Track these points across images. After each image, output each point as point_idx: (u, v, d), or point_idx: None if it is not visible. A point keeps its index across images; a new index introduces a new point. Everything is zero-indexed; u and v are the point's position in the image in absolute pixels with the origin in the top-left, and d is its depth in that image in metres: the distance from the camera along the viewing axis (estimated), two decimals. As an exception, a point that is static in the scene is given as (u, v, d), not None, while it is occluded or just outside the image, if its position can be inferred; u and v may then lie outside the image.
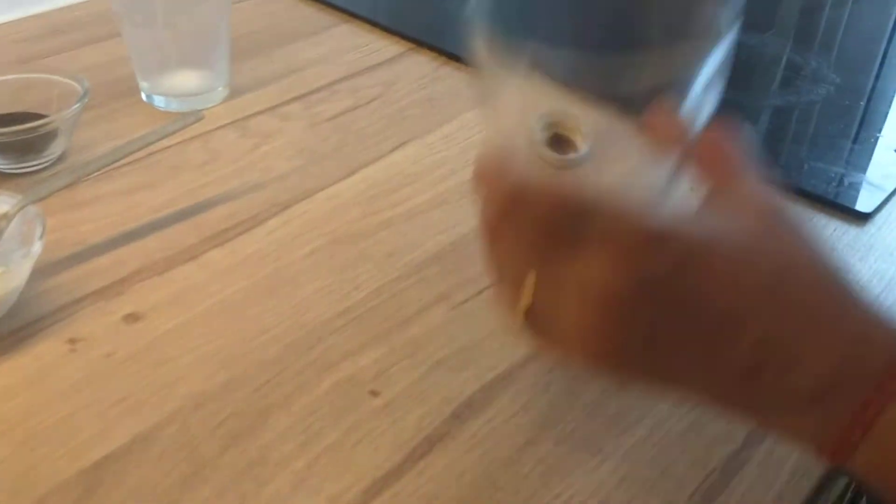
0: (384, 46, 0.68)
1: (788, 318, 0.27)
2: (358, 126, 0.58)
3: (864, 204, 0.50)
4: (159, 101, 0.57)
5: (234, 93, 0.60)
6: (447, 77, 0.64)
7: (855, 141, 0.57)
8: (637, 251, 0.26)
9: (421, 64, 0.66)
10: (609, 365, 0.28)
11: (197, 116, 0.49)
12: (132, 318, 0.41)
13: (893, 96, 0.62)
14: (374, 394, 0.38)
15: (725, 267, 0.27)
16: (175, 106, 0.57)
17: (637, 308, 0.27)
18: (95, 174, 0.49)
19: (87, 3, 0.70)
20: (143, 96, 0.57)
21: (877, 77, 0.66)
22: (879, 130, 0.58)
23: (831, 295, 0.28)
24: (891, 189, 0.52)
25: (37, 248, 0.40)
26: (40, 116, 0.49)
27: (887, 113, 0.60)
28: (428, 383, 0.38)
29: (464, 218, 0.48)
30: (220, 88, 0.58)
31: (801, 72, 0.65)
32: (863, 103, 0.61)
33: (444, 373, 0.39)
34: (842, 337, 0.27)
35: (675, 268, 0.26)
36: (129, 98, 0.58)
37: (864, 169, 0.54)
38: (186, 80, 0.57)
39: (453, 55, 0.66)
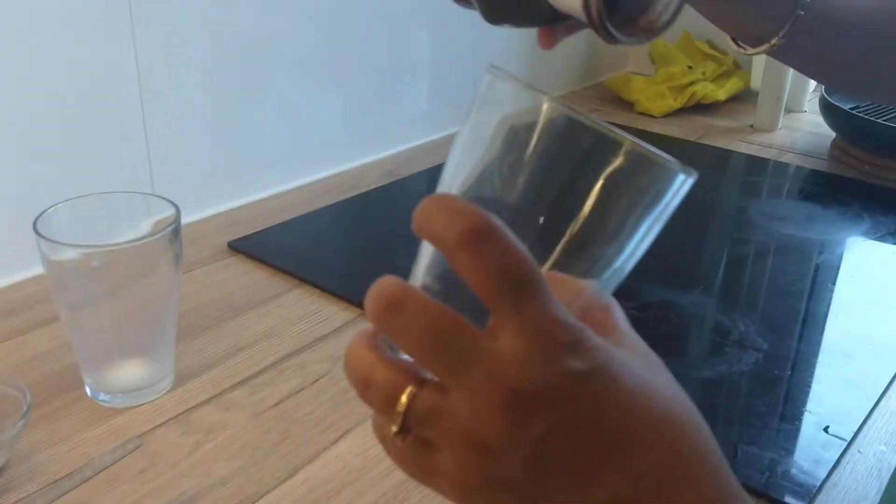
0: (333, 314, 0.70)
1: (674, 457, 0.28)
2: (302, 412, 0.58)
3: (794, 496, 0.51)
4: (104, 398, 0.57)
5: (179, 379, 0.61)
6: (392, 348, 0.66)
7: (783, 418, 0.59)
8: (555, 349, 0.26)
9: (366, 333, 0.68)
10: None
11: (136, 443, 0.50)
12: None
13: (816, 362, 0.65)
14: None
15: (626, 391, 0.27)
16: (119, 401, 0.57)
17: (540, 410, 0.26)
18: (32, 490, 0.49)
19: (40, 278, 0.72)
20: (88, 391, 0.58)
21: (800, 339, 0.69)
22: (805, 405, 0.60)
23: (710, 447, 0.29)
24: (822, 476, 0.53)
25: None
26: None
27: (811, 383, 0.63)
28: None
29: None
30: (165, 379, 0.59)
31: (730, 336, 0.68)
32: (789, 373, 0.64)
33: None
34: (719, 490, 0.28)
35: (584, 375, 0.26)
36: (73, 392, 0.58)
37: (794, 452, 0.55)
38: (131, 372, 0.58)
39: (398, 323, 0.68)
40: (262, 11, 0.86)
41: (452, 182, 0.30)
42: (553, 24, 0.47)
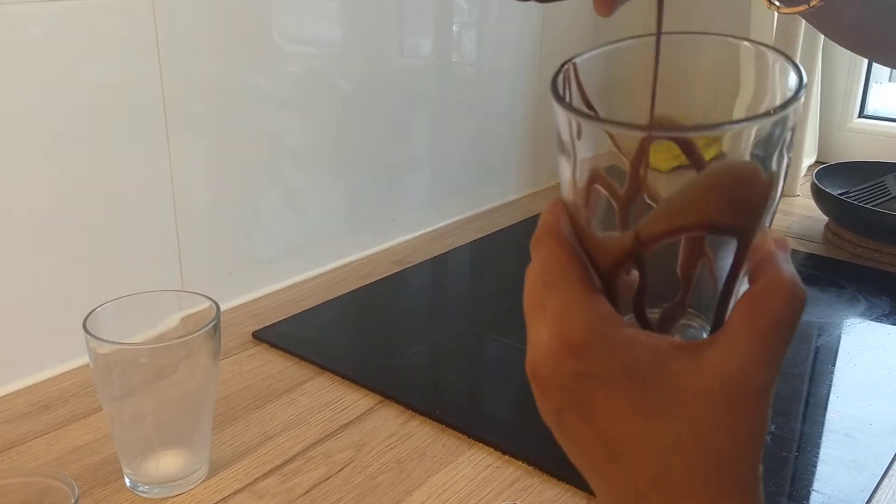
0: (354, 401, 0.73)
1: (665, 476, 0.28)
2: (331, 500, 0.61)
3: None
4: (143, 489, 0.60)
5: (213, 469, 0.63)
6: (413, 434, 0.69)
7: (792, 497, 0.61)
8: (564, 348, 0.29)
9: (389, 420, 0.71)
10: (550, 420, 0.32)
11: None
12: None
13: (820, 443, 0.68)
14: None
15: (627, 405, 0.28)
16: (158, 492, 0.60)
17: (550, 391, 0.30)
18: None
19: (77, 370, 0.75)
20: (127, 482, 0.60)
21: (804, 420, 0.72)
22: (812, 484, 0.63)
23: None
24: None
25: None
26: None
27: (816, 463, 0.66)
28: None
29: None
30: (200, 469, 0.62)
31: (738, 419, 0.71)
32: (795, 454, 0.67)
33: None
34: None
35: (585, 376, 0.29)
36: (112, 483, 0.61)
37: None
38: (170, 463, 0.60)
39: (418, 409, 0.71)
40: (276, 111, 0.92)
41: None
42: None
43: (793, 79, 0.29)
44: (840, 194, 1.12)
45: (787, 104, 0.28)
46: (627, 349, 0.28)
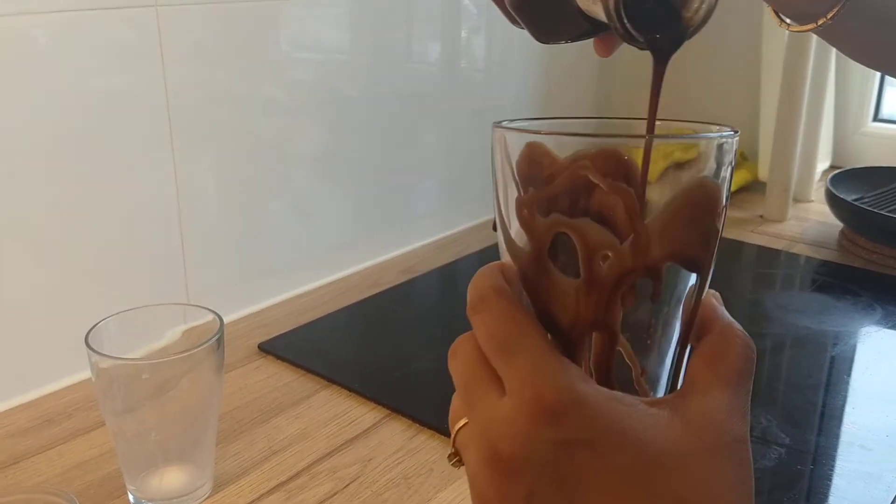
0: (361, 415, 0.72)
1: None
2: (337, 519, 0.60)
3: None
4: (146, 506, 0.59)
5: (218, 485, 0.62)
6: (421, 448, 0.68)
7: (809, 515, 0.60)
8: (539, 414, 0.26)
9: (396, 434, 0.69)
10: None
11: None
12: None
13: (836, 455, 0.67)
14: None
15: (616, 471, 0.26)
16: (161, 508, 0.59)
17: (519, 472, 0.26)
18: None
19: (80, 384, 0.74)
20: (131, 498, 0.60)
21: (819, 432, 0.71)
22: (827, 499, 0.62)
23: None
24: (849, 574, 0.54)
25: None
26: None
27: (832, 476, 0.64)
28: None
29: None
30: (205, 485, 0.61)
31: (753, 432, 0.69)
32: (811, 467, 0.65)
33: None
34: None
35: (567, 444, 0.26)
36: (116, 499, 0.60)
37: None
38: (174, 479, 0.59)
39: (426, 423, 0.70)
40: (282, 119, 0.91)
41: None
42: (605, 32, 0.45)
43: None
44: (855, 200, 1.11)
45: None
46: (610, 409, 0.26)
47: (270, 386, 0.76)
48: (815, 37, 1.21)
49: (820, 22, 0.45)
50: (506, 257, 0.32)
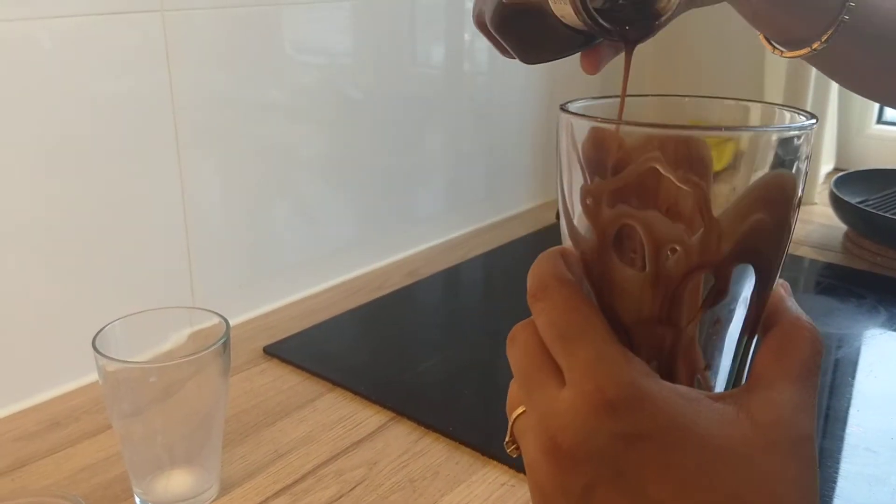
0: (366, 418, 0.72)
1: None
2: (343, 522, 0.60)
3: None
4: (153, 508, 0.59)
5: (224, 488, 0.63)
6: (426, 451, 0.68)
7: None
8: (600, 407, 0.25)
9: (401, 437, 0.70)
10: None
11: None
12: None
13: (840, 458, 0.67)
14: None
15: (680, 466, 0.25)
16: (168, 511, 0.59)
17: (578, 464, 0.26)
18: None
19: (87, 387, 0.75)
20: (137, 501, 0.60)
21: (823, 435, 0.71)
22: (831, 502, 0.62)
23: None
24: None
25: None
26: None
27: (837, 479, 0.64)
28: None
29: None
30: (211, 488, 0.61)
31: (756, 434, 0.69)
32: (817, 471, 0.65)
33: None
34: None
35: (628, 438, 0.25)
36: (123, 503, 0.60)
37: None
38: (181, 482, 0.60)
39: (431, 426, 0.70)
40: (287, 122, 0.91)
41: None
42: (588, 46, 0.46)
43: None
44: (859, 202, 1.11)
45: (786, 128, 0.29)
46: (672, 403, 0.26)
47: (276, 389, 0.77)
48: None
49: (814, 46, 0.45)
50: (567, 243, 0.31)
